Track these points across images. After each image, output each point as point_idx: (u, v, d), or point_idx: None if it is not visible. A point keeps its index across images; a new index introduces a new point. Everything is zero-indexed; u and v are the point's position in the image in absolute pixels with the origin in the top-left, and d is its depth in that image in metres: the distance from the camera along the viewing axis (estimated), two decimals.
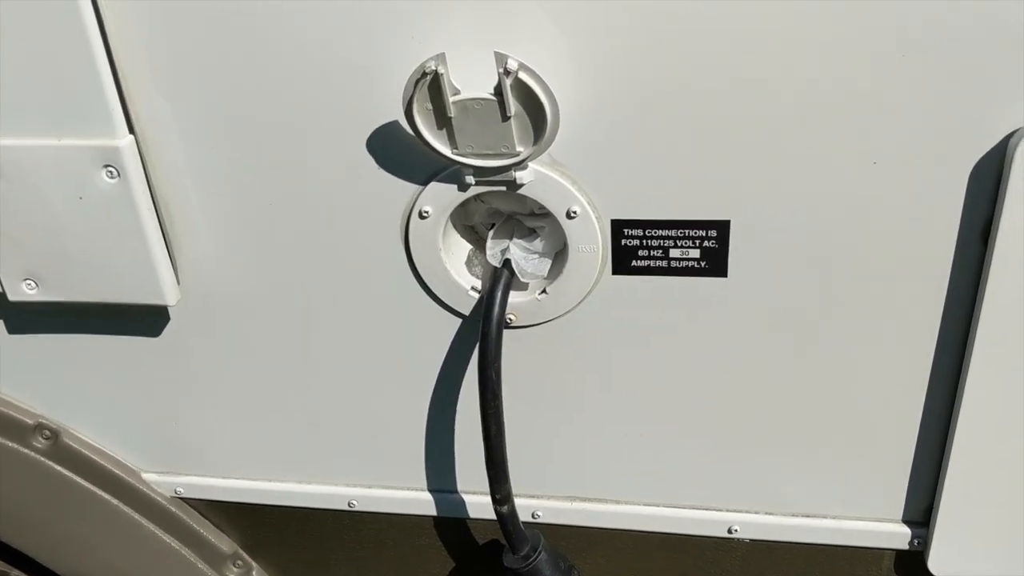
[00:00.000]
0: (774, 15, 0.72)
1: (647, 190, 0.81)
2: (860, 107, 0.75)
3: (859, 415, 0.91)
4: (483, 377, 0.88)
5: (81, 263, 0.89)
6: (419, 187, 0.84)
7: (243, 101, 0.82)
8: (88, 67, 0.79)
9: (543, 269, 0.88)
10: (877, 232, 0.80)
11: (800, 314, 0.86)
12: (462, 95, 0.75)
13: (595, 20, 0.74)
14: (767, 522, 0.99)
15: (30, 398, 1.08)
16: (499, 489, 0.93)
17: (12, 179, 0.85)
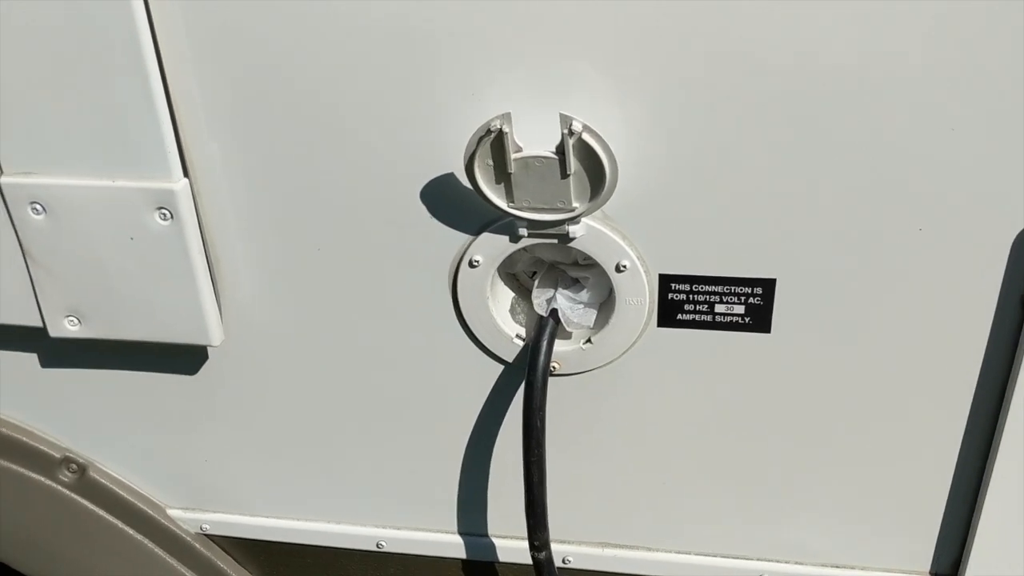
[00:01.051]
0: (819, 82, 0.73)
1: (695, 246, 0.83)
2: (909, 176, 0.76)
3: (891, 469, 0.92)
4: (528, 425, 0.89)
5: (127, 302, 0.89)
6: (470, 237, 0.85)
7: (297, 148, 0.83)
8: (149, 111, 0.79)
9: (589, 319, 0.89)
10: (919, 295, 0.81)
11: (838, 370, 0.87)
12: (523, 152, 0.76)
13: (648, 83, 0.75)
14: (795, 572, 1.00)
15: (58, 431, 1.08)
16: (538, 536, 0.94)
17: (62, 217, 0.85)
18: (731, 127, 0.76)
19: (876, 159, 0.76)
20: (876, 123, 0.74)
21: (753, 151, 0.77)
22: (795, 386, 0.89)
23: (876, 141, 0.75)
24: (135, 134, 0.81)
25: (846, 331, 0.84)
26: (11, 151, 0.84)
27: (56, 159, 0.84)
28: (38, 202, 0.85)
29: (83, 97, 0.80)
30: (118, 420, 1.05)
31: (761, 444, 0.93)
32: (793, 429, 0.92)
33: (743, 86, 0.74)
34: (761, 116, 0.76)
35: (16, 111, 0.82)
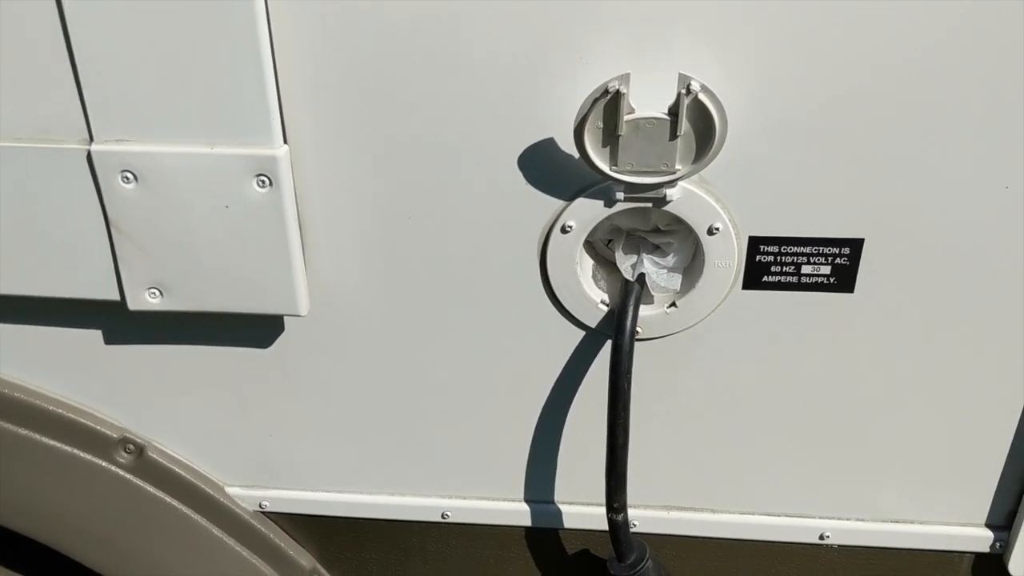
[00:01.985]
0: (917, 49, 0.76)
1: (786, 208, 0.85)
2: (994, 134, 0.80)
3: (953, 425, 0.96)
4: (614, 388, 0.90)
5: (214, 272, 0.88)
6: (563, 203, 0.87)
7: (393, 115, 0.83)
8: (256, 76, 0.79)
9: (675, 283, 0.91)
10: (1001, 254, 0.85)
11: (916, 329, 0.91)
12: (636, 114, 0.78)
13: (745, 47, 0.78)
14: (857, 528, 1.04)
15: (115, 411, 1.06)
16: (617, 499, 0.95)
17: (154, 186, 0.84)
18: (822, 92, 0.79)
19: (963, 119, 0.79)
20: (963, 87, 0.78)
21: (842, 114, 0.80)
22: (872, 345, 0.92)
23: (963, 103, 0.79)
24: (237, 100, 0.80)
25: (926, 289, 0.88)
26: (102, 118, 0.83)
27: (150, 126, 0.83)
28: (130, 170, 0.83)
29: (184, 62, 0.79)
30: (178, 398, 1.04)
31: (829, 405, 0.96)
32: (863, 389, 0.95)
33: (836, 51, 0.77)
34: (853, 81, 0.78)
35: (109, 77, 0.81)
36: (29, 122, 0.84)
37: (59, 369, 1.03)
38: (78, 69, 0.81)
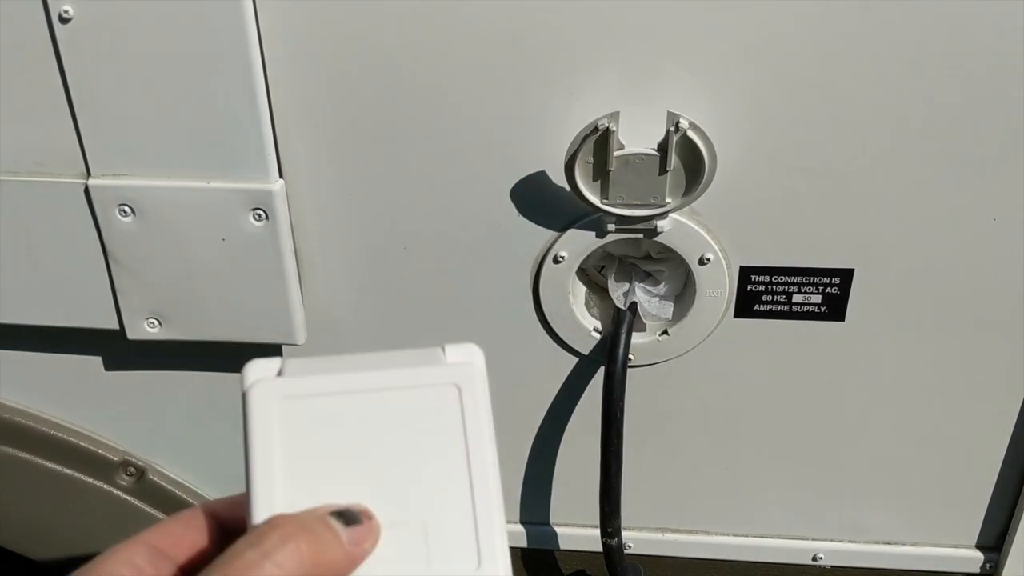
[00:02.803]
0: (907, 82, 0.77)
1: (777, 239, 0.86)
2: (982, 166, 0.81)
3: (946, 448, 0.97)
4: (608, 416, 0.91)
5: (211, 303, 0.89)
6: (556, 233, 0.88)
7: (392, 151, 0.84)
8: (250, 111, 0.80)
9: (667, 311, 0.92)
10: (988, 284, 0.86)
11: (905, 356, 0.92)
12: (625, 150, 0.79)
13: (735, 83, 0.79)
14: (849, 549, 1.05)
15: (116, 434, 1.07)
16: (612, 524, 0.96)
17: (150, 219, 0.85)
18: (812, 124, 0.80)
19: (950, 152, 0.80)
20: (950, 120, 0.79)
21: (833, 147, 0.81)
22: (862, 372, 0.93)
23: (950, 137, 0.80)
24: (233, 134, 0.81)
25: (915, 319, 0.89)
26: (99, 152, 0.84)
27: (147, 160, 0.84)
28: (127, 204, 0.85)
29: (180, 98, 0.80)
30: (179, 422, 1.05)
31: (821, 429, 0.98)
32: (854, 414, 0.96)
33: (826, 86, 0.78)
34: (843, 114, 0.79)
35: (105, 112, 0.82)
36: (27, 156, 0.85)
37: (60, 394, 1.04)
38: (74, 104, 0.82)
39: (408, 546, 0.40)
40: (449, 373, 0.43)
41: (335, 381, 0.42)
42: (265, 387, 0.42)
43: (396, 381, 0.43)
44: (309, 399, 0.42)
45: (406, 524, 0.40)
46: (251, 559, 0.36)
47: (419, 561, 0.39)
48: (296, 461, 0.41)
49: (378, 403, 0.42)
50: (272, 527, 0.37)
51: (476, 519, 0.40)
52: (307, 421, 0.41)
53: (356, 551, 0.38)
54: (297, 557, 0.36)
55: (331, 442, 0.41)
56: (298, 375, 0.43)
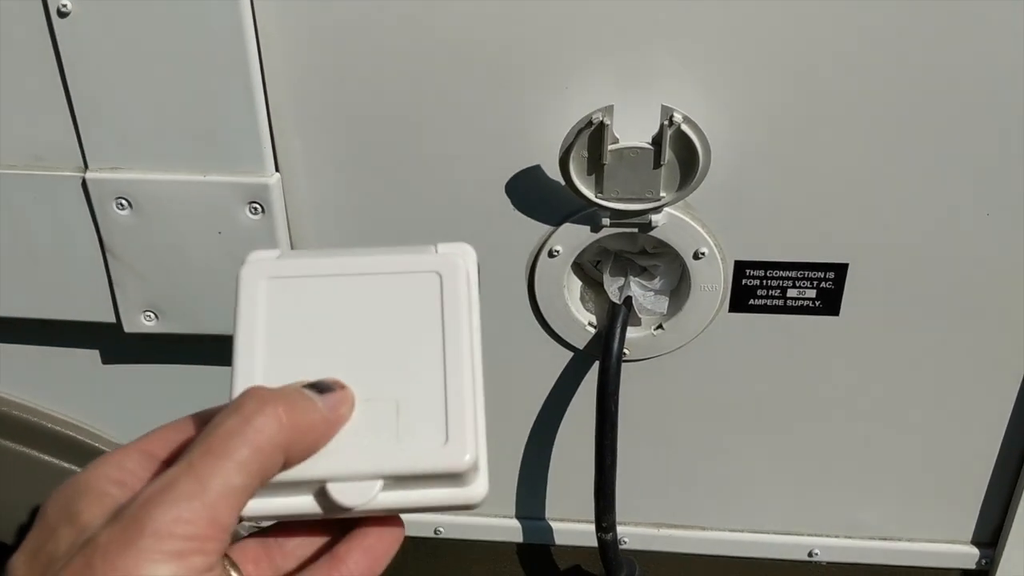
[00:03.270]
0: (902, 77, 0.78)
1: (771, 233, 0.87)
2: (976, 162, 0.81)
3: (941, 442, 0.97)
4: (602, 409, 0.92)
5: (207, 296, 0.90)
6: (551, 227, 0.88)
7: (387, 145, 0.85)
8: (247, 105, 0.80)
9: (662, 306, 0.92)
10: (982, 279, 0.86)
11: (900, 350, 0.92)
12: (619, 144, 0.79)
13: (730, 77, 0.79)
14: (845, 545, 1.05)
15: (113, 428, 1.07)
16: (606, 518, 0.97)
17: (147, 213, 0.86)
18: (808, 119, 0.80)
19: (945, 147, 0.81)
20: (945, 115, 0.79)
21: (827, 140, 0.81)
22: (857, 367, 0.93)
23: (945, 132, 0.80)
24: (230, 128, 0.81)
25: (909, 313, 0.89)
26: (97, 146, 0.84)
27: (144, 154, 0.84)
28: (124, 197, 0.85)
29: (177, 90, 0.81)
30: (176, 415, 1.05)
31: (815, 425, 0.98)
32: (848, 409, 0.96)
33: (821, 80, 0.78)
34: (838, 108, 0.80)
35: (103, 106, 0.82)
36: (24, 149, 0.86)
37: (57, 387, 1.05)
38: (72, 98, 0.82)
39: (380, 419, 0.41)
40: (433, 262, 0.45)
41: (322, 264, 0.44)
42: (255, 267, 0.44)
43: (381, 267, 0.44)
44: (295, 279, 0.44)
45: (379, 400, 0.42)
46: (231, 426, 0.37)
47: (389, 433, 0.41)
48: (277, 340, 0.42)
49: (361, 287, 0.44)
50: (249, 396, 0.39)
51: (447, 400, 0.42)
52: (291, 301, 0.43)
53: (333, 415, 0.40)
54: (276, 421, 0.37)
55: (312, 322, 0.43)
56: (289, 258, 0.45)
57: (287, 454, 0.38)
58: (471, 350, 0.43)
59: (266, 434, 0.37)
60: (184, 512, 0.35)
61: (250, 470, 0.36)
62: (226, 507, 0.35)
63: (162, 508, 0.35)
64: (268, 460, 0.37)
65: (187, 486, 0.35)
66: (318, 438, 0.40)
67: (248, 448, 0.37)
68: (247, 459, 0.36)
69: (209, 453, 0.36)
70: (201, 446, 0.37)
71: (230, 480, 0.36)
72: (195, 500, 0.35)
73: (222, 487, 0.36)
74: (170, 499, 0.35)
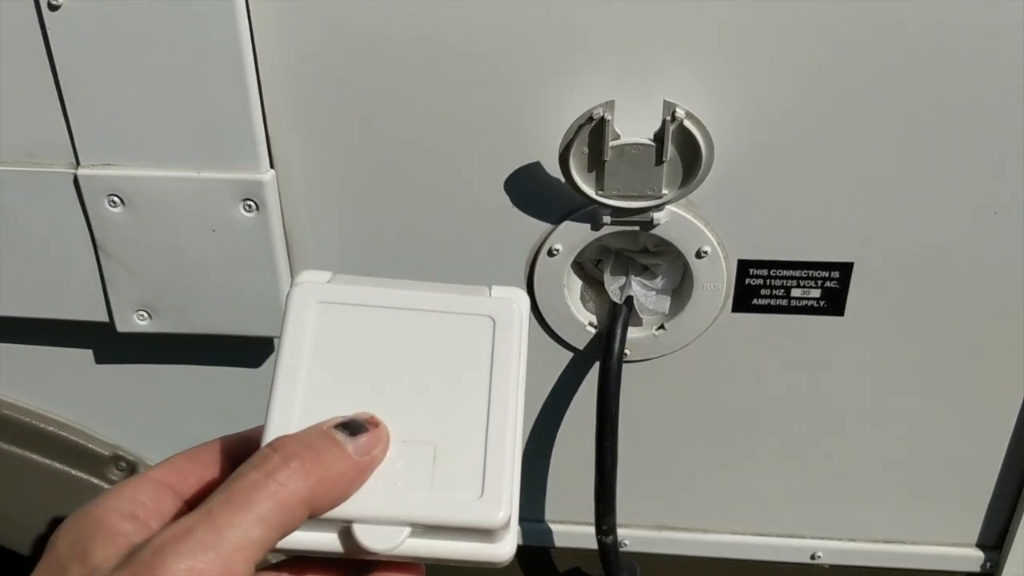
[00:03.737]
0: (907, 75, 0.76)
1: (775, 232, 0.85)
2: (983, 159, 0.80)
3: (946, 445, 0.96)
4: (603, 411, 0.90)
5: (201, 295, 0.88)
6: (550, 226, 0.86)
7: (384, 141, 0.83)
8: (241, 101, 0.79)
9: (664, 306, 0.91)
10: (989, 278, 0.85)
11: (905, 351, 0.90)
12: (621, 140, 0.77)
13: (733, 73, 0.78)
14: (848, 548, 1.04)
15: (107, 428, 1.06)
16: (607, 521, 0.95)
17: (141, 210, 0.84)
18: (810, 116, 0.79)
19: (949, 145, 0.79)
20: (950, 114, 0.78)
21: (834, 139, 0.80)
22: (861, 368, 0.92)
23: (952, 127, 0.78)
24: (223, 124, 0.80)
25: (916, 313, 0.88)
26: (89, 142, 0.83)
27: (137, 150, 0.83)
28: (117, 194, 0.84)
29: (170, 86, 0.79)
30: (170, 416, 1.04)
31: (820, 426, 0.96)
32: (853, 411, 0.95)
33: (825, 77, 0.77)
34: (843, 106, 0.78)
35: (95, 101, 0.81)
36: (16, 146, 0.84)
37: (50, 387, 1.03)
38: (63, 93, 0.81)
39: (415, 463, 0.40)
40: (488, 305, 0.44)
41: (375, 295, 0.43)
42: (306, 289, 0.43)
43: (435, 304, 0.43)
44: (346, 308, 0.43)
45: (417, 443, 0.40)
46: (255, 478, 0.36)
47: (423, 480, 0.40)
48: (321, 367, 0.41)
49: (412, 323, 0.43)
50: (274, 448, 0.38)
51: (487, 451, 0.40)
52: (340, 329, 0.42)
53: (364, 460, 0.39)
54: (301, 474, 0.36)
55: (359, 353, 0.42)
56: (342, 283, 0.44)
57: (312, 507, 0.37)
58: (516, 402, 0.42)
59: (290, 488, 0.36)
60: (199, 563, 0.34)
61: (271, 524, 0.35)
62: (242, 560, 0.34)
63: (177, 558, 0.34)
64: (290, 515, 0.36)
65: (204, 535, 0.34)
66: (347, 486, 0.38)
67: (271, 502, 0.35)
68: (268, 512, 0.35)
69: (229, 503, 0.35)
70: (222, 495, 0.36)
71: (249, 533, 0.35)
72: (210, 551, 0.34)
73: (240, 539, 0.34)
74: (185, 548, 0.34)
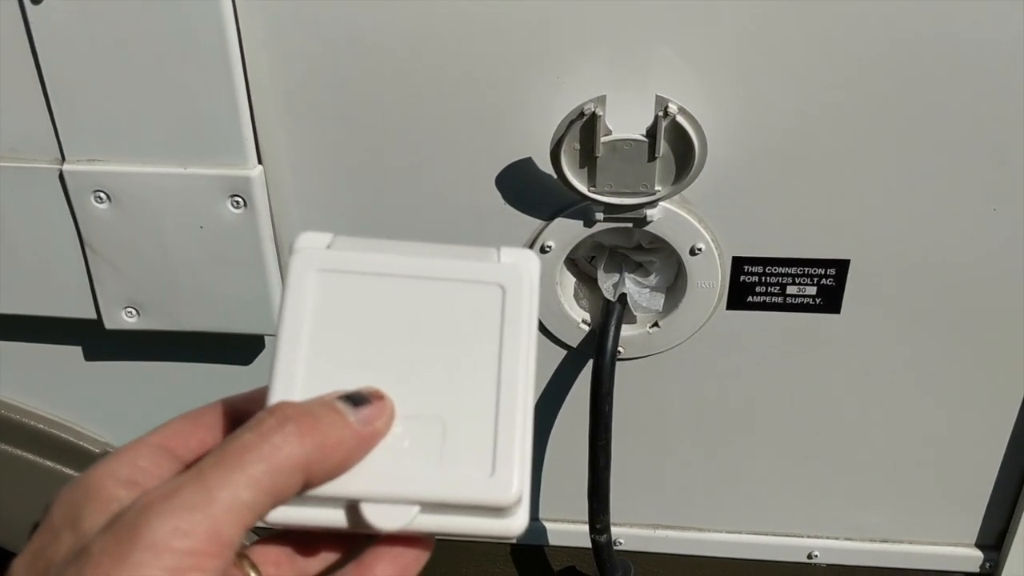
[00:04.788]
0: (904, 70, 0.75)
1: (770, 229, 0.84)
2: (982, 156, 0.78)
3: (944, 445, 0.95)
4: (596, 410, 0.89)
5: (189, 292, 0.87)
6: (543, 222, 0.85)
7: (373, 136, 0.82)
8: (227, 96, 0.78)
9: (657, 303, 0.90)
10: (988, 275, 0.84)
11: (903, 349, 0.89)
12: (612, 136, 0.76)
13: (727, 68, 0.76)
14: (845, 547, 1.03)
15: (97, 425, 1.05)
16: (600, 520, 0.94)
17: (126, 206, 0.83)
18: (806, 111, 0.78)
19: (948, 141, 0.78)
20: (954, 105, 0.76)
21: (827, 134, 0.78)
22: (858, 366, 0.90)
23: (949, 123, 0.77)
24: (210, 120, 0.79)
25: (913, 310, 0.86)
26: (74, 138, 0.82)
27: (122, 146, 0.81)
28: (103, 190, 0.82)
29: (156, 80, 0.78)
30: (160, 413, 1.02)
31: (816, 424, 0.95)
32: (850, 409, 0.94)
33: (820, 72, 0.76)
34: (839, 101, 0.77)
35: (79, 96, 0.80)
36: (0, 142, 0.83)
37: (40, 384, 1.03)
38: (47, 89, 0.80)
39: (423, 441, 0.38)
40: (497, 272, 0.41)
41: (379, 261, 0.41)
42: (307, 256, 0.40)
43: (440, 272, 0.41)
44: (348, 276, 0.40)
45: (425, 418, 0.39)
46: (248, 440, 0.35)
47: (432, 457, 0.38)
48: (323, 341, 0.39)
49: (417, 292, 0.41)
50: (271, 412, 0.36)
51: (497, 426, 0.39)
52: (342, 300, 0.40)
53: (366, 430, 0.37)
54: (296, 438, 0.35)
55: (362, 325, 0.40)
56: (344, 249, 0.41)
57: (308, 474, 0.36)
58: (526, 374, 0.40)
59: (284, 452, 0.35)
60: (184, 523, 0.32)
61: (262, 487, 0.34)
62: (231, 522, 0.33)
63: (161, 517, 0.32)
64: (284, 479, 0.35)
65: (192, 495, 0.33)
66: (347, 455, 0.37)
67: (263, 464, 0.34)
68: (260, 475, 0.34)
69: (221, 464, 0.34)
70: (214, 456, 0.34)
71: (239, 494, 0.33)
72: (197, 511, 0.33)
73: (229, 500, 0.33)
74: (170, 507, 0.33)
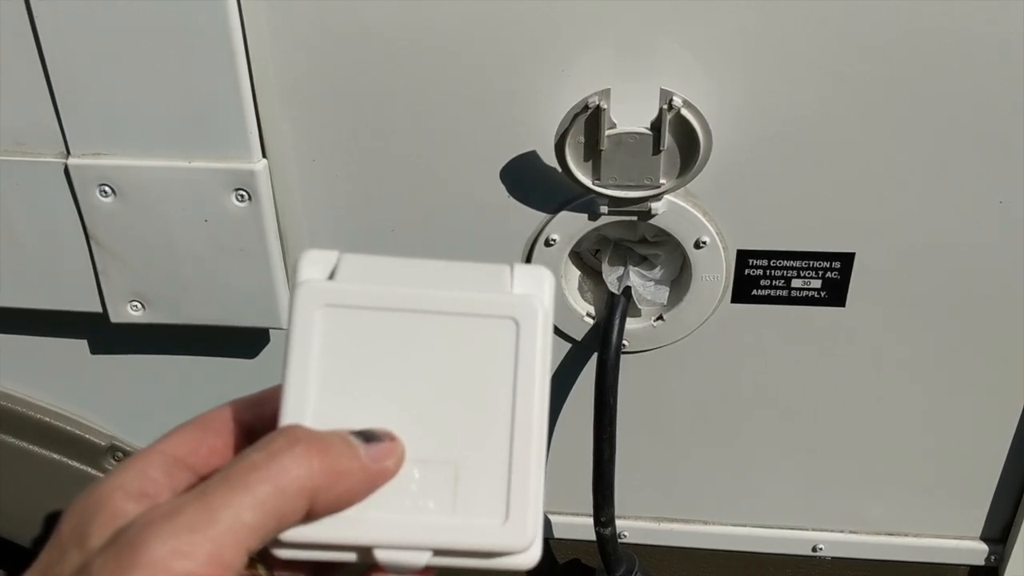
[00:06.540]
0: (909, 62, 0.74)
1: (775, 222, 0.84)
2: (988, 148, 0.78)
3: (949, 437, 0.95)
4: (600, 403, 0.89)
5: (195, 286, 0.87)
6: (547, 216, 0.85)
7: (378, 129, 0.82)
8: (232, 89, 0.78)
9: (662, 296, 0.89)
10: (994, 268, 0.83)
11: (908, 342, 0.89)
12: (617, 129, 0.76)
13: (732, 61, 0.76)
14: (850, 540, 1.03)
15: (104, 419, 1.05)
16: (605, 512, 0.94)
17: (131, 200, 0.83)
18: (813, 104, 0.77)
19: (953, 132, 0.77)
20: (960, 98, 0.76)
21: (833, 128, 0.78)
22: (863, 359, 0.90)
23: (955, 115, 0.77)
24: (214, 113, 0.79)
25: (918, 305, 0.86)
26: (79, 131, 0.82)
27: (127, 140, 0.82)
28: (108, 184, 0.83)
29: (160, 74, 0.78)
30: (166, 406, 1.03)
31: (821, 417, 0.95)
32: (854, 402, 0.94)
33: (826, 64, 0.75)
34: (844, 94, 0.77)
35: (84, 90, 0.80)
36: (4, 135, 0.83)
37: (46, 378, 1.03)
38: (52, 82, 0.80)
39: (435, 486, 0.38)
40: (510, 305, 0.39)
41: (386, 294, 0.39)
42: (311, 290, 0.39)
43: (451, 306, 0.39)
44: (356, 311, 0.39)
45: (436, 462, 0.38)
46: (255, 460, 0.34)
47: (444, 503, 0.38)
48: (331, 381, 0.38)
49: (427, 328, 0.39)
50: (282, 432, 0.36)
51: (511, 471, 0.38)
52: (349, 337, 0.39)
53: (375, 467, 0.36)
54: (305, 462, 0.34)
55: (371, 364, 0.39)
56: (350, 280, 0.40)
57: (313, 500, 0.35)
58: (540, 415, 0.39)
59: (292, 474, 0.34)
60: (183, 545, 0.32)
61: (266, 509, 0.33)
62: (232, 544, 0.32)
63: (161, 538, 0.32)
64: (289, 503, 0.34)
65: (193, 515, 0.32)
66: (354, 488, 0.36)
67: (269, 486, 0.33)
68: (265, 497, 0.33)
69: (225, 483, 0.33)
70: (220, 475, 0.34)
71: (242, 516, 0.33)
72: (198, 533, 0.32)
73: (231, 521, 0.32)
74: (171, 528, 0.32)
